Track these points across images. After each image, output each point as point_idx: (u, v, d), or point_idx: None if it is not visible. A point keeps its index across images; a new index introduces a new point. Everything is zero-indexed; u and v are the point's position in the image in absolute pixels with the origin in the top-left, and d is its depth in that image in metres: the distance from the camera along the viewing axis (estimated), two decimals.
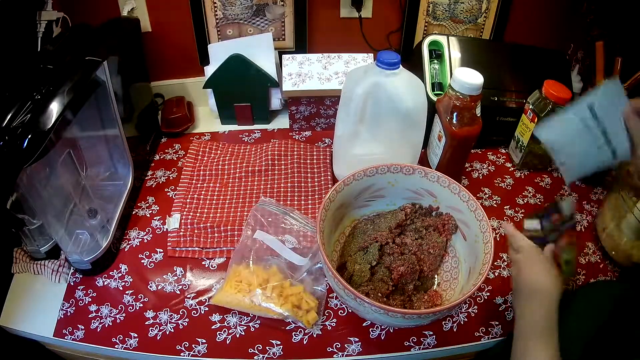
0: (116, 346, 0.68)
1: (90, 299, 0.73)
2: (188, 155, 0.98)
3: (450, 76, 0.89)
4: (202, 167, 0.95)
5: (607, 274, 0.79)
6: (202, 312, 0.72)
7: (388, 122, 0.79)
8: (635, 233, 0.74)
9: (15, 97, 0.58)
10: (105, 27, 0.81)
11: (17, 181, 0.60)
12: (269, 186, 0.90)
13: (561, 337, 0.55)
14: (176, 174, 0.95)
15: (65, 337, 0.69)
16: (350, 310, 0.72)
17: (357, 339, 0.69)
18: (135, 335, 0.69)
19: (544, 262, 0.60)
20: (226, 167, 0.94)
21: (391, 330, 0.70)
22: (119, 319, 0.71)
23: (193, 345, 0.68)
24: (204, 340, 0.69)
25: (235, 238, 0.81)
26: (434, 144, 0.87)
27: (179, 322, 0.71)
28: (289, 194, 0.89)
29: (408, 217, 0.77)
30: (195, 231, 0.82)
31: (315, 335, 0.69)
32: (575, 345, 0.59)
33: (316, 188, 0.90)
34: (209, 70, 0.99)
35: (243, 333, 0.70)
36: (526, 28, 1.07)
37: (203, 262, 0.79)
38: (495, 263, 0.80)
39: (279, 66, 1.02)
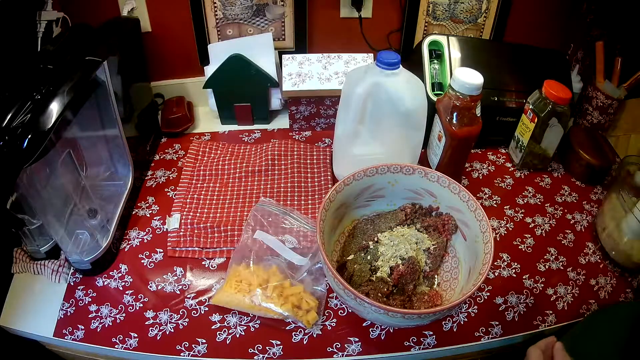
0: (116, 346, 0.68)
1: (90, 299, 0.73)
2: (188, 155, 0.98)
3: (450, 76, 0.89)
4: (202, 167, 0.95)
5: (607, 274, 0.79)
6: (202, 312, 0.72)
7: (388, 122, 0.79)
8: (635, 233, 0.75)
9: (15, 97, 0.58)
10: (105, 27, 0.81)
11: (17, 181, 0.60)
12: (269, 186, 0.90)
13: None
14: (176, 174, 0.95)
15: (65, 337, 0.69)
16: (350, 310, 0.72)
17: (357, 339, 0.69)
18: (135, 335, 0.69)
19: None
20: (226, 167, 0.94)
21: (391, 330, 0.70)
22: (119, 319, 0.71)
23: (193, 345, 0.68)
24: (204, 340, 0.69)
25: (235, 238, 0.81)
26: (434, 144, 0.87)
27: (179, 322, 0.71)
28: (289, 194, 0.89)
29: (408, 217, 0.77)
30: (195, 231, 0.82)
31: (315, 335, 0.69)
32: None
33: (316, 188, 0.90)
34: (209, 70, 0.99)
35: (243, 333, 0.70)
36: (526, 28, 1.07)
37: (203, 262, 0.79)
38: (495, 263, 0.80)
39: (279, 66, 1.02)
